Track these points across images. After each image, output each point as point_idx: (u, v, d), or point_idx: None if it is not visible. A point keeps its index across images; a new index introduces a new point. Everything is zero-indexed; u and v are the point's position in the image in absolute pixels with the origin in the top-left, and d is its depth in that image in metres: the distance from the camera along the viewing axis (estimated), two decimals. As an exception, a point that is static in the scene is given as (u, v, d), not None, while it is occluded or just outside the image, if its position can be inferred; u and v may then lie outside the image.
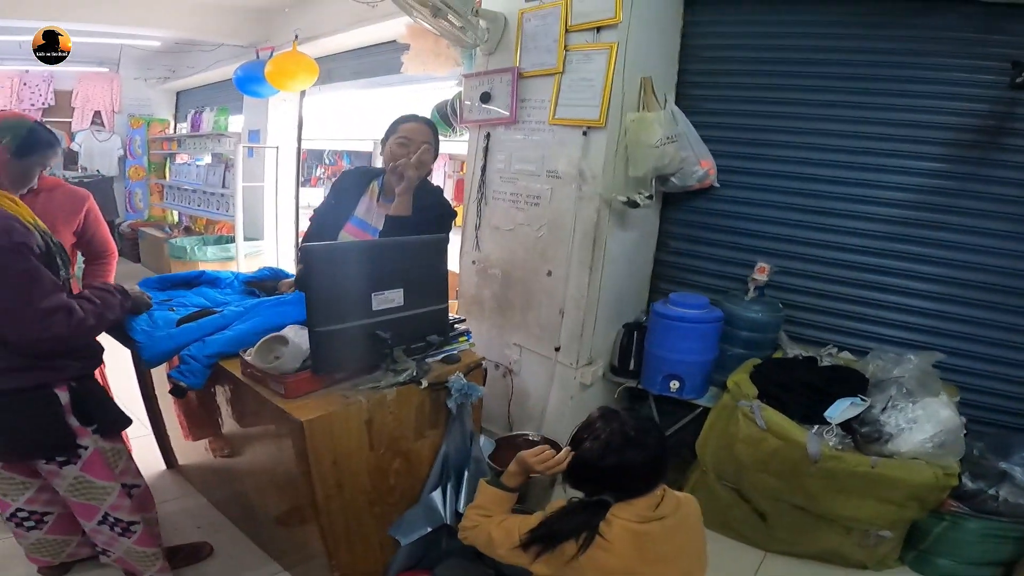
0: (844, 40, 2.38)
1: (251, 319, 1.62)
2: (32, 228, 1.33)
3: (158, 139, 6.96)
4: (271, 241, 5.25)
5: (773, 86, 2.53)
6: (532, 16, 2.43)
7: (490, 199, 2.68)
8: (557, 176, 2.43)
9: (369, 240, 1.47)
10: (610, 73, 2.23)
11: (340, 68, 4.70)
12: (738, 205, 2.66)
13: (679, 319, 2.39)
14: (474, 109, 2.65)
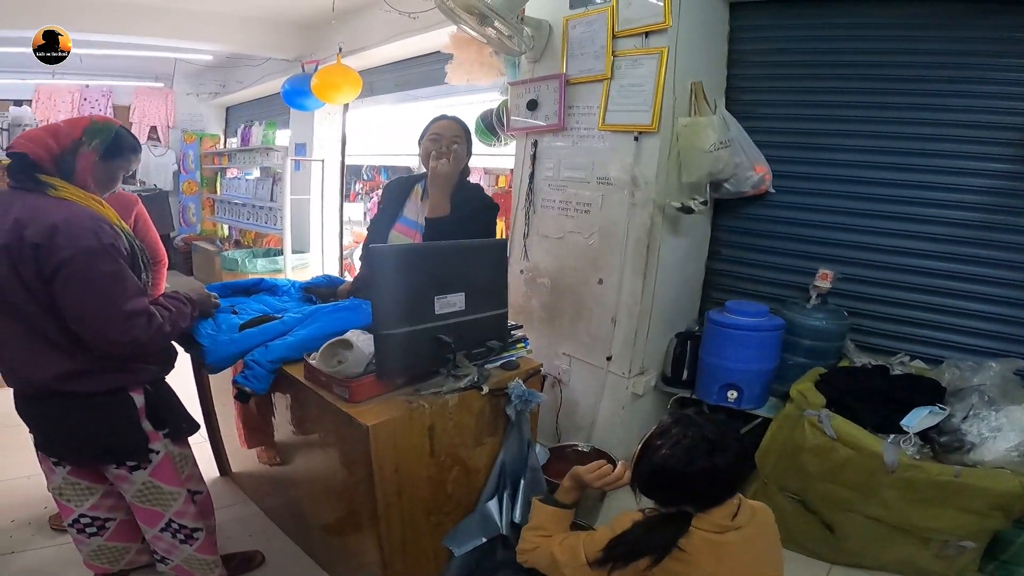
0: (902, 42, 2.31)
1: (311, 325, 1.64)
2: (119, 230, 1.36)
3: (210, 154, 7.22)
4: (317, 254, 5.36)
5: (828, 89, 2.47)
6: (577, 23, 2.42)
7: (538, 207, 2.67)
8: (608, 183, 2.41)
9: (432, 243, 1.47)
10: (661, 77, 2.20)
11: (382, 81, 4.80)
12: (795, 211, 2.59)
13: (738, 327, 2.33)
14: (521, 117, 2.65)
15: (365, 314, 1.74)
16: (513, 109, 2.69)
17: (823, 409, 2.00)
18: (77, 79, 6.48)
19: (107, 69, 6.38)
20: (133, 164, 1.51)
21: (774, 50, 2.55)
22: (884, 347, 2.41)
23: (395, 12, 3.70)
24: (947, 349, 2.29)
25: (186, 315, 1.52)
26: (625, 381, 2.49)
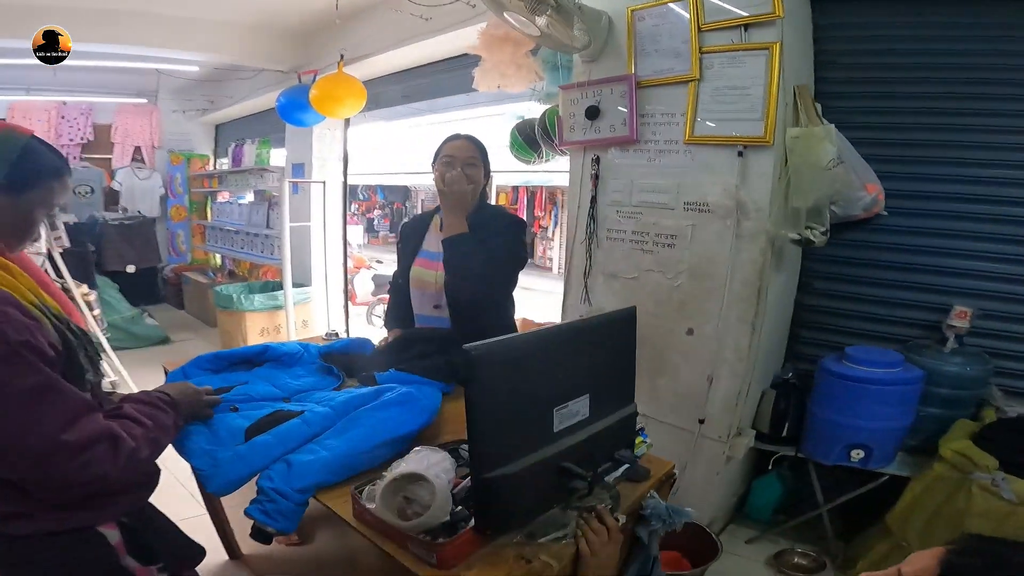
0: None
1: (350, 431, 1.15)
2: (40, 313, 0.88)
3: (199, 176, 6.70)
4: (320, 287, 4.84)
5: (940, 95, 2.06)
6: (647, 14, 1.99)
7: (603, 239, 2.20)
8: (702, 209, 1.95)
9: (541, 329, 0.99)
10: (774, 78, 1.77)
11: (388, 92, 4.35)
12: (909, 236, 2.16)
13: (869, 380, 1.94)
14: (576, 127, 2.19)
15: (422, 407, 1.25)
16: (566, 118, 2.22)
17: (997, 472, 1.74)
18: (54, 95, 5.94)
19: (85, 84, 5.82)
20: (59, 195, 1.00)
21: (870, 51, 2.14)
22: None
23: (405, 14, 3.26)
24: None
25: (167, 427, 1.04)
26: (721, 445, 2.04)
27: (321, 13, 3.96)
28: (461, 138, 1.77)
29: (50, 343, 0.85)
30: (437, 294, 1.73)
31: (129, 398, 1.01)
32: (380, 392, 1.33)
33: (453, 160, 1.71)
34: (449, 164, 1.71)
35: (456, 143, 1.75)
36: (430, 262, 1.77)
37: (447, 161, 1.72)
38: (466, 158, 1.71)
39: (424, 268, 1.78)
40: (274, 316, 4.52)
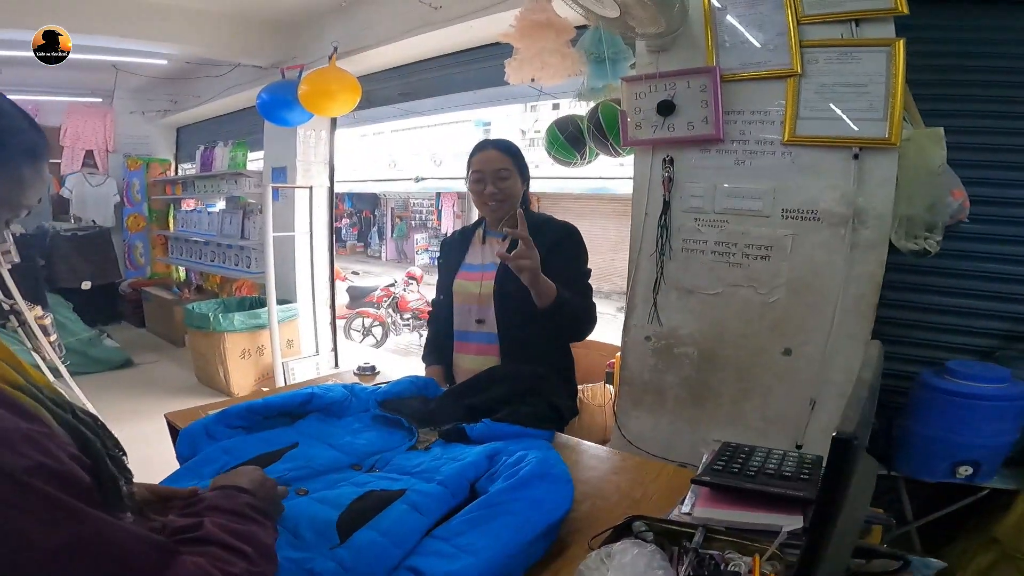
0: None
1: (492, 522, 0.82)
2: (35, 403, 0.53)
3: (159, 182, 6.14)
4: (306, 303, 4.41)
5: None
6: (730, 3, 1.77)
7: (678, 251, 1.93)
8: (806, 217, 1.71)
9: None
10: (899, 76, 1.56)
11: (382, 90, 4.01)
12: (992, 243, 2.03)
13: (980, 396, 1.80)
14: (645, 124, 1.92)
15: (565, 477, 0.95)
16: (631, 113, 1.94)
17: None
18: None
19: (31, 82, 5.20)
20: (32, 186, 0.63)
21: (951, 52, 2.00)
22: None
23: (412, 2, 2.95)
24: None
25: (269, 549, 0.63)
26: (819, 470, 1.78)
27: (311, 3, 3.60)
28: (489, 147, 1.63)
29: (71, 454, 0.50)
30: (481, 307, 1.60)
31: (201, 502, 0.64)
32: (492, 456, 1.01)
33: (483, 176, 1.59)
34: (480, 181, 1.59)
35: (484, 155, 1.61)
36: (473, 274, 1.64)
37: (477, 178, 1.60)
38: (496, 171, 1.58)
39: (467, 280, 1.64)
40: (256, 336, 4.08)
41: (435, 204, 14.26)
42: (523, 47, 2.14)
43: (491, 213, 1.63)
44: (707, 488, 0.92)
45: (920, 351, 2.08)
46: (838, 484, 0.54)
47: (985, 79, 1.99)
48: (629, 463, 1.16)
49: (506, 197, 1.59)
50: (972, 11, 2.00)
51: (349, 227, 16.07)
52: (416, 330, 7.09)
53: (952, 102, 1.99)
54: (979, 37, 2.01)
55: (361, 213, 16.52)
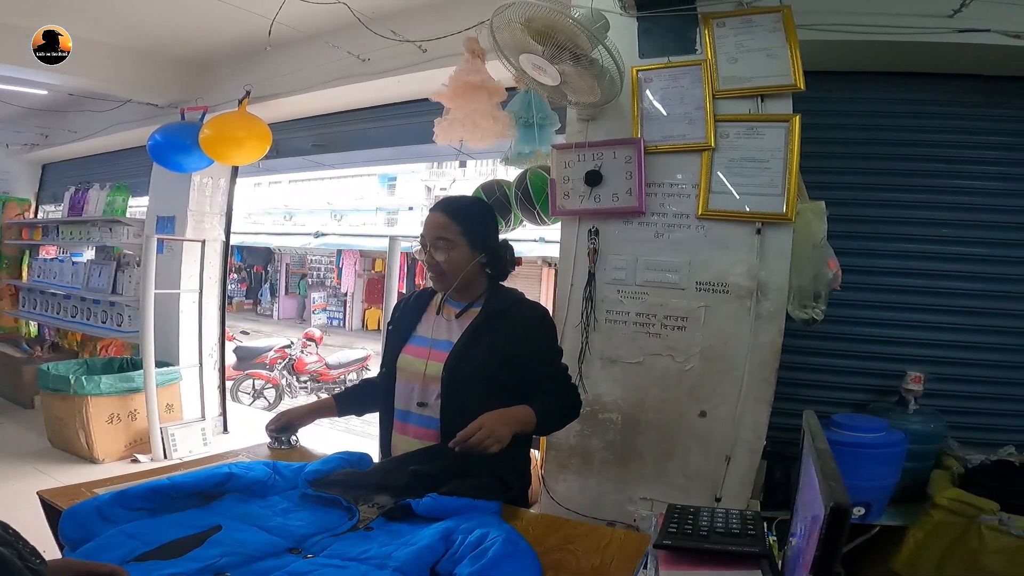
0: (974, 120, 2.24)
1: None
2: None
3: (15, 224, 5.39)
4: (190, 366, 3.99)
5: (889, 171, 2.31)
6: (655, 76, 1.93)
7: (602, 322, 2.00)
8: (715, 289, 1.85)
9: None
10: (795, 153, 1.76)
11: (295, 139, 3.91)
12: (863, 308, 2.34)
13: (863, 445, 2.02)
14: (573, 194, 2.01)
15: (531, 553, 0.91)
16: (560, 181, 2.03)
17: (1000, 513, 1.92)
18: None
19: None
20: None
21: (825, 125, 2.29)
22: (985, 441, 2.23)
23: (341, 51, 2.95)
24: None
25: None
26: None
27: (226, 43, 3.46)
28: (436, 209, 1.41)
29: None
30: (424, 389, 1.37)
31: None
32: (447, 536, 0.94)
33: (424, 241, 1.39)
34: (422, 247, 1.39)
35: (429, 217, 1.40)
36: (422, 349, 1.41)
37: (421, 243, 1.40)
38: (434, 239, 1.36)
39: (413, 356, 1.41)
40: (127, 400, 3.60)
41: (335, 262, 13.78)
42: (455, 107, 2.16)
43: (434, 284, 1.44)
44: (666, 551, 0.93)
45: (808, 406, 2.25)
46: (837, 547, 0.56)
47: (857, 151, 2.31)
48: (580, 531, 1.14)
49: (446, 271, 1.36)
50: (847, 85, 2.31)
51: (237, 282, 15.01)
52: (314, 392, 6.66)
53: (826, 174, 2.26)
54: (855, 109, 2.33)
55: (252, 268, 15.55)
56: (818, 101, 2.24)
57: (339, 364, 7.01)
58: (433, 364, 1.36)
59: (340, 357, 7.20)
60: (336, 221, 15.30)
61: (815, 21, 1.99)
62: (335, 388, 6.80)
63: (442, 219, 1.38)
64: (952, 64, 2.17)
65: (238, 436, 4.12)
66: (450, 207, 1.41)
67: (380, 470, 1.24)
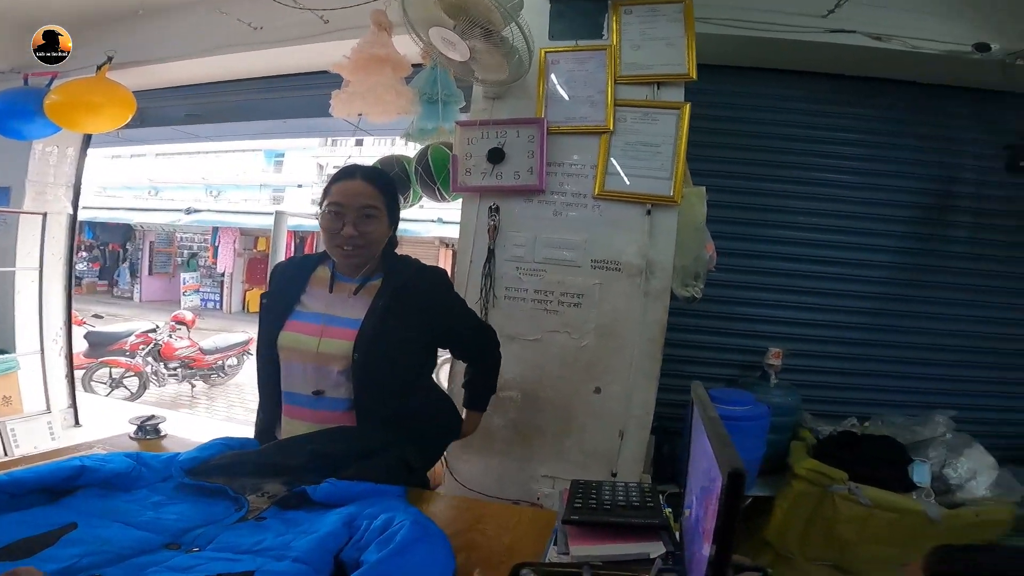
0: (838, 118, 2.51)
1: None
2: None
3: None
4: (30, 357, 3.48)
5: (769, 162, 2.54)
6: (562, 58, 1.96)
7: (501, 299, 2.01)
8: (609, 267, 1.92)
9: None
10: (683, 139, 1.86)
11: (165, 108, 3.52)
12: (735, 289, 2.58)
13: (736, 418, 2.17)
14: (475, 171, 2.00)
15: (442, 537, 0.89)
16: (462, 158, 2.00)
17: (850, 482, 2.09)
18: None
19: None
20: None
21: (710, 116, 2.44)
22: (833, 413, 2.49)
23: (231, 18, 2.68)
24: (882, 407, 2.50)
25: None
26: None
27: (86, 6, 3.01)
28: (357, 176, 1.30)
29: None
30: (320, 370, 1.28)
31: None
32: (350, 523, 0.89)
33: (342, 212, 1.27)
34: (337, 216, 1.27)
35: (348, 185, 1.29)
36: (312, 325, 1.30)
37: (335, 212, 1.28)
38: (360, 208, 1.27)
39: (300, 334, 1.30)
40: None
41: (211, 240, 12.63)
42: (356, 80, 2.04)
43: (344, 259, 1.32)
44: (573, 527, 0.95)
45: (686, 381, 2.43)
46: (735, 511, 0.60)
47: (736, 142, 2.51)
48: (489, 511, 1.14)
49: (367, 243, 1.29)
50: (733, 79, 2.49)
51: (88, 261, 13.32)
52: (186, 380, 6.10)
53: (708, 162, 2.43)
54: (737, 103, 2.52)
55: (107, 246, 13.85)
56: (706, 93, 2.37)
57: (216, 349, 6.46)
58: (331, 342, 1.28)
59: (217, 341, 6.62)
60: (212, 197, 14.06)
61: (711, 15, 2.12)
62: (212, 375, 6.28)
63: (368, 188, 1.29)
64: (824, 63, 2.41)
65: (92, 430, 3.71)
66: (374, 176, 1.33)
67: (273, 452, 1.15)
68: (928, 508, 2.02)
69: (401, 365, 1.30)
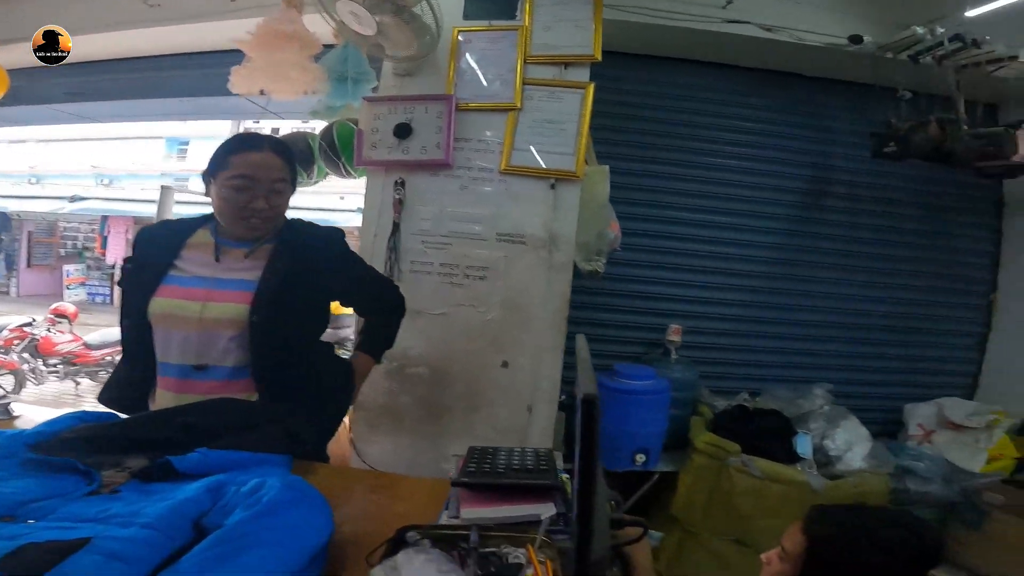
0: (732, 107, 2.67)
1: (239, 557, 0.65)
2: None
3: None
4: None
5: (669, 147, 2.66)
6: (475, 37, 1.97)
7: (406, 272, 1.97)
8: (514, 240, 1.93)
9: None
10: (587, 117, 1.90)
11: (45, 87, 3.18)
12: (639, 268, 2.69)
13: (641, 392, 2.28)
14: (380, 145, 1.95)
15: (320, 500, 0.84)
16: (368, 133, 1.95)
17: (742, 456, 2.18)
18: None
19: None
20: None
21: (618, 102, 2.58)
22: (728, 388, 2.64)
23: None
24: (770, 382, 2.67)
25: None
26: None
27: None
28: (266, 147, 1.23)
29: None
30: (202, 338, 1.18)
31: None
32: (217, 489, 0.83)
33: (253, 184, 1.20)
34: (245, 190, 1.20)
35: (258, 156, 1.22)
36: (194, 290, 1.20)
37: (241, 184, 1.20)
38: (272, 181, 1.22)
39: (177, 299, 1.19)
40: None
41: (99, 229, 11.53)
42: (259, 56, 1.93)
43: (249, 232, 1.24)
44: (467, 490, 0.95)
45: (594, 360, 2.50)
46: (592, 436, 0.60)
47: (643, 127, 2.61)
48: (384, 481, 1.11)
49: (276, 215, 1.25)
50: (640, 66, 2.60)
51: (-49, 252, 11.86)
52: (69, 377, 5.55)
53: (616, 146, 2.53)
54: (644, 89, 2.62)
55: (-26, 237, 12.35)
56: (613, 79, 2.49)
57: (103, 344, 5.86)
58: (219, 306, 1.18)
59: (105, 336, 6.01)
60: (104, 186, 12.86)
61: (619, 1, 2.19)
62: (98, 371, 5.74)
63: (278, 161, 1.24)
64: (721, 54, 2.55)
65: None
66: (282, 149, 1.27)
67: (137, 424, 1.04)
68: (812, 479, 2.14)
69: (301, 327, 1.26)
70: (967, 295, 2.83)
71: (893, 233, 2.74)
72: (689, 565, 2.26)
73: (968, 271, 2.83)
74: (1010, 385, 2.70)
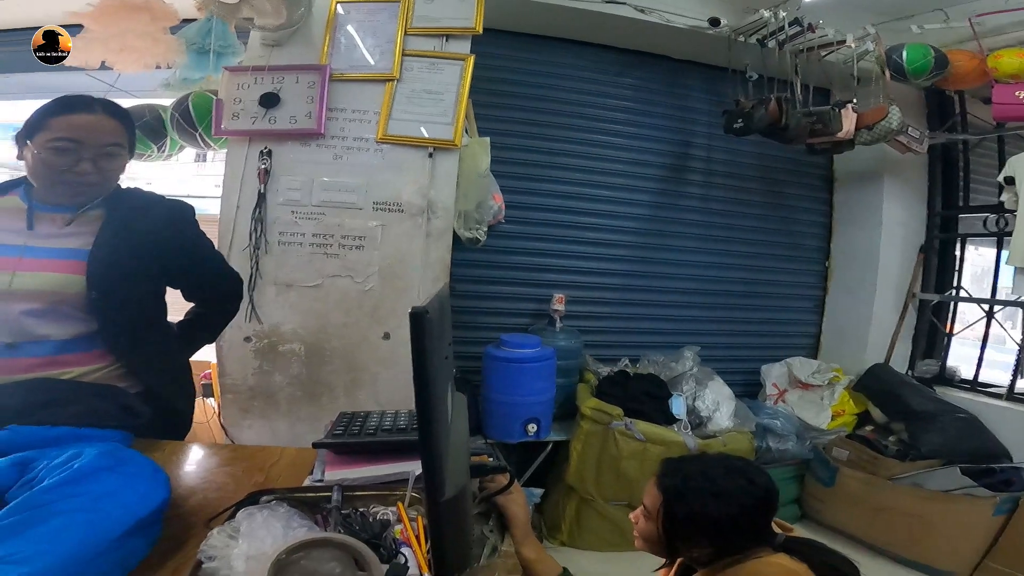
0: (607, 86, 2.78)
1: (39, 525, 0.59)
2: None
3: None
4: None
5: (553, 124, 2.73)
6: (354, 8, 1.94)
7: (274, 244, 1.87)
8: (392, 208, 1.90)
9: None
10: (465, 88, 1.92)
11: None
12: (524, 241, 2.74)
13: (528, 360, 2.30)
14: (243, 115, 1.84)
15: (152, 468, 0.79)
16: (229, 103, 1.82)
17: (625, 419, 2.23)
18: None
19: None
20: None
21: (499, 79, 2.60)
22: (610, 356, 2.75)
23: None
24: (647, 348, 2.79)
25: None
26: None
27: None
28: (97, 109, 1.12)
29: None
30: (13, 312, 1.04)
31: None
32: (26, 464, 0.74)
33: (79, 148, 1.08)
34: (68, 153, 1.08)
35: (86, 118, 1.10)
36: (7, 259, 1.06)
37: (64, 147, 1.08)
38: (104, 145, 1.11)
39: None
40: None
41: None
42: (104, 27, 1.72)
43: (71, 196, 1.12)
44: (334, 454, 0.93)
45: (484, 333, 2.55)
46: (425, 352, 0.60)
47: (527, 104, 2.65)
48: (242, 453, 1.04)
49: (104, 180, 1.13)
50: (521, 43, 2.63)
51: None
52: None
53: (501, 122, 2.55)
54: (528, 68, 2.66)
55: None
56: (495, 57, 2.50)
57: None
58: (34, 276, 1.05)
59: None
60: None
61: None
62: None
63: (112, 124, 1.13)
64: (598, 34, 2.63)
65: None
66: (117, 111, 1.16)
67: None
68: (687, 440, 2.25)
69: (141, 301, 1.15)
70: (807, 262, 3.17)
71: (743, 205, 3.00)
72: (589, 532, 2.31)
73: (807, 240, 3.16)
74: (845, 343, 3.04)
